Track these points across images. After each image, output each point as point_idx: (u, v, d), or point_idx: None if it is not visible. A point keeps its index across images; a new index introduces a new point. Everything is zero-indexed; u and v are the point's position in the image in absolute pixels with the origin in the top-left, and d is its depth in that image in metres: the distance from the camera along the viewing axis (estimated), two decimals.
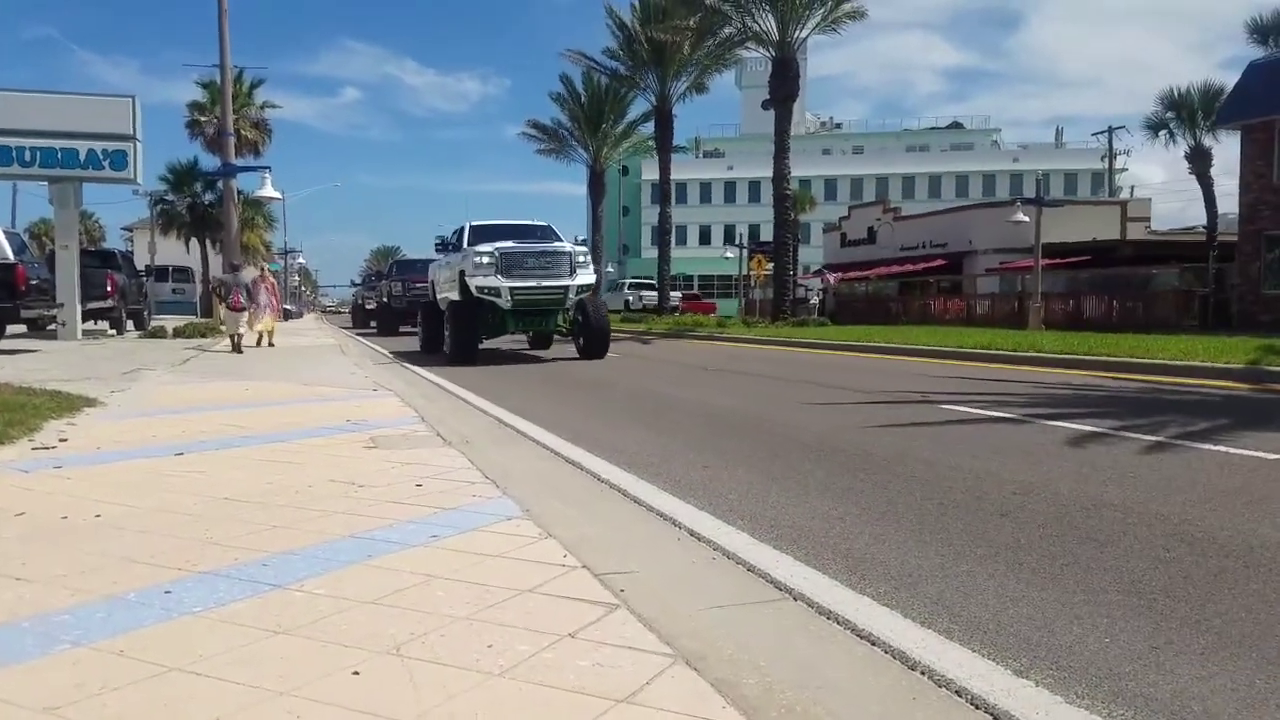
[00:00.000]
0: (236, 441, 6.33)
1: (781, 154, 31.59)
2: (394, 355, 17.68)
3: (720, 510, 4.67)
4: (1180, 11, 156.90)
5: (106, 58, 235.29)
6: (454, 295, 16.80)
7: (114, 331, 23.82)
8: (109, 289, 23.10)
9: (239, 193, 28.64)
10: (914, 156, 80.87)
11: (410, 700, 2.30)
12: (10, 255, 17.34)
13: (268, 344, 19.41)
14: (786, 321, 30.81)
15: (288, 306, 46.44)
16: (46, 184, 20.47)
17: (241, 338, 18.08)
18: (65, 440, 6.26)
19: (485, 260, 15.71)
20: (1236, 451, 6.45)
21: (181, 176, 45.34)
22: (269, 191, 25.91)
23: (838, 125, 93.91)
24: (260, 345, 19.07)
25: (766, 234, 46.38)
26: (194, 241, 47.36)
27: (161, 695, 2.32)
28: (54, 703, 2.27)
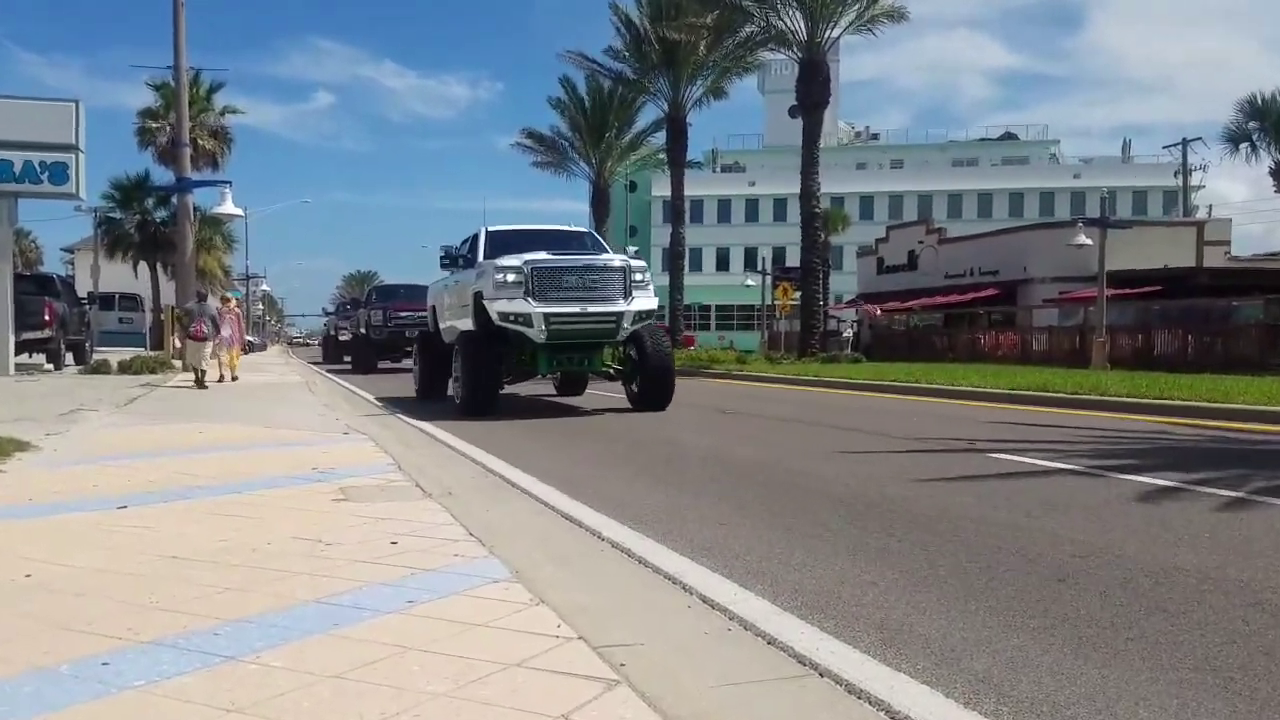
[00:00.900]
0: (188, 493, 6.34)
1: (810, 168, 31.81)
2: (381, 402, 16.30)
3: (737, 573, 4.66)
4: (1265, 6, 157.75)
5: (45, 56, 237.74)
6: (466, 324, 14.76)
7: (51, 366, 23.94)
8: (46, 318, 23.22)
9: (195, 210, 28.95)
10: (961, 171, 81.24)
11: None
12: None
13: (230, 378, 20.36)
14: (815, 358, 30.87)
15: (250, 338, 46.62)
16: None
17: (205, 372, 18.74)
18: None
19: (511, 278, 13.31)
20: None
21: (130, 191, 45.81)
22: (229, 208, 26.17)
23: (874, 136, 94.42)
24: (223, 381, 19.78)
25: (793, 258, 46.48)
26: (143, 265, 47.68)
27: None
28: None
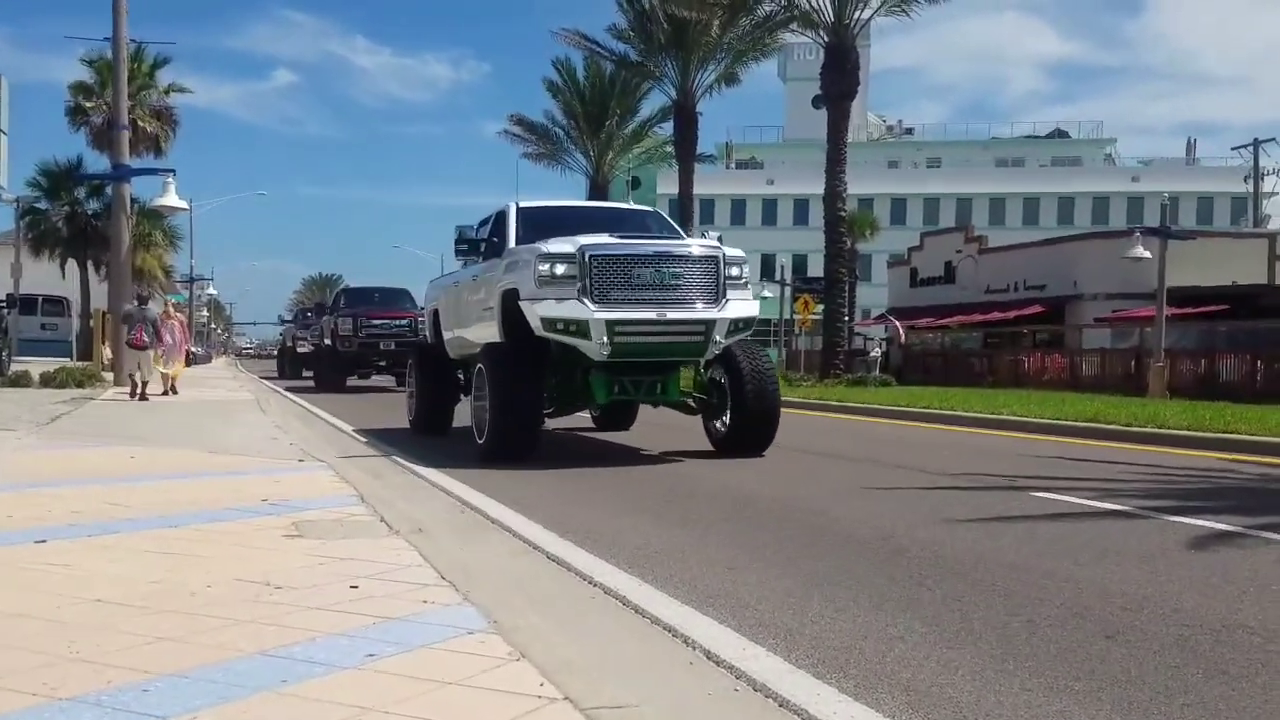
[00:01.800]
0: (116, 526, 6.33)
1: (836, 166, 31.90)
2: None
3: (746, 625, 4.65)
4: None
5: None
6: (488, 334, 12.53)
7: None
8: None
9: (133, 201, 28.96)
10: (1005, 172, 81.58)
11: None
12: None
13: (171, 390, 20.82)
14: (839, 380, 30.95)
15: (194, 348, 46.68)
16: None
17: (146, 384, 19.00)
18: None
19: (561, 270, 10.96)
20: None
21: (59, 179, 45.84)
22: (172, 200, 26.08)
23: (908, 131, 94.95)
24: (166, 395, 20.21)
25: (815, 267, 46.60)
26: (72, 264, 47.67)
27: None
28: None
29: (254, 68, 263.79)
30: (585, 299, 10.83)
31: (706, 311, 11.16)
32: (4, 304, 29.59)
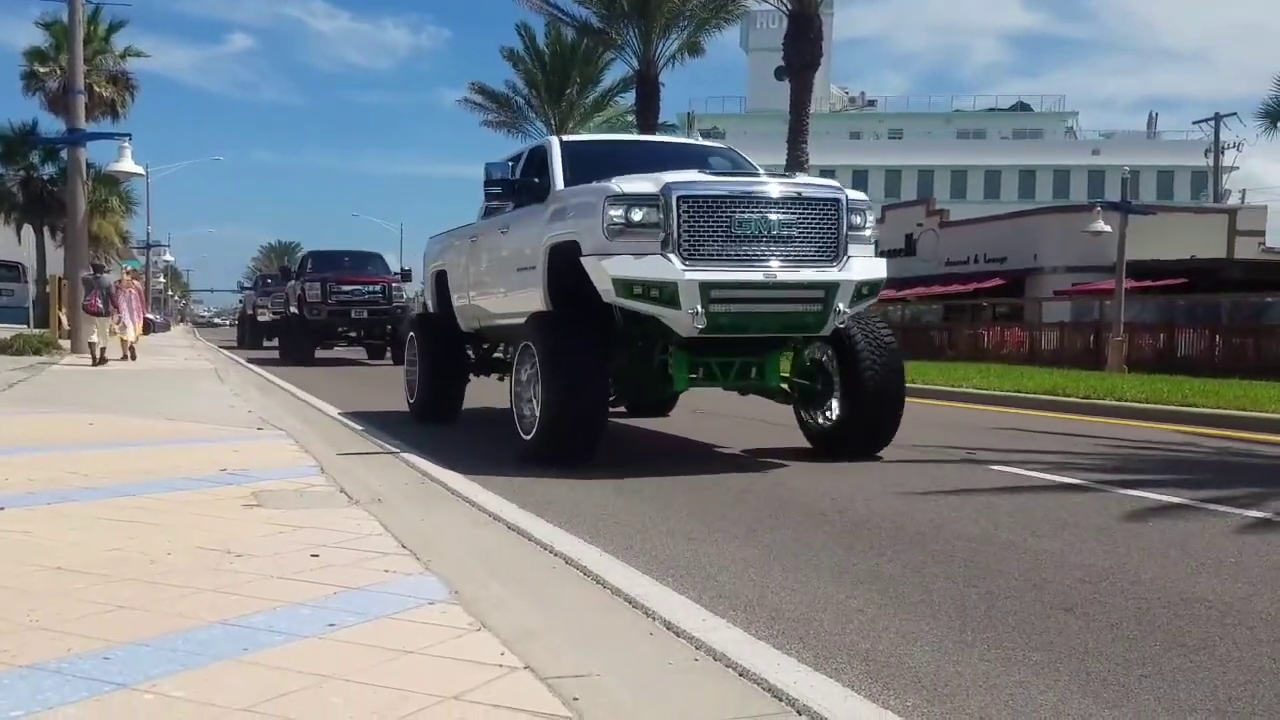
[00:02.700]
0: (75, 494, 6.28)
1: (798, 137, 31.77)
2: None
3: (707, 596, 4.69)
4: None
5: None
6: (526, 302, 9.82)
7: None
8: None
9: (89, 167, 28.65)
10: (967, 145, 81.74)
11: None
12: None
13: (130, 356, 21.04)
14: None
15: (152, 316, 46.21)
16: None
17: (105, 349, 19.19)
18: None
19: (638, 213, 8.32)
20: None
21: (13, 144, 45.30)
22: (128, 166, 25.78)
23: (870, 102, 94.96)
24: (125, 359, 20.53)
25: None
26: (28, 229, 47.20)
27: None
28: None
29: (209, 31, 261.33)
30: (672, 254, 8.28)
31: (826, 272, 8.66)
32: None
